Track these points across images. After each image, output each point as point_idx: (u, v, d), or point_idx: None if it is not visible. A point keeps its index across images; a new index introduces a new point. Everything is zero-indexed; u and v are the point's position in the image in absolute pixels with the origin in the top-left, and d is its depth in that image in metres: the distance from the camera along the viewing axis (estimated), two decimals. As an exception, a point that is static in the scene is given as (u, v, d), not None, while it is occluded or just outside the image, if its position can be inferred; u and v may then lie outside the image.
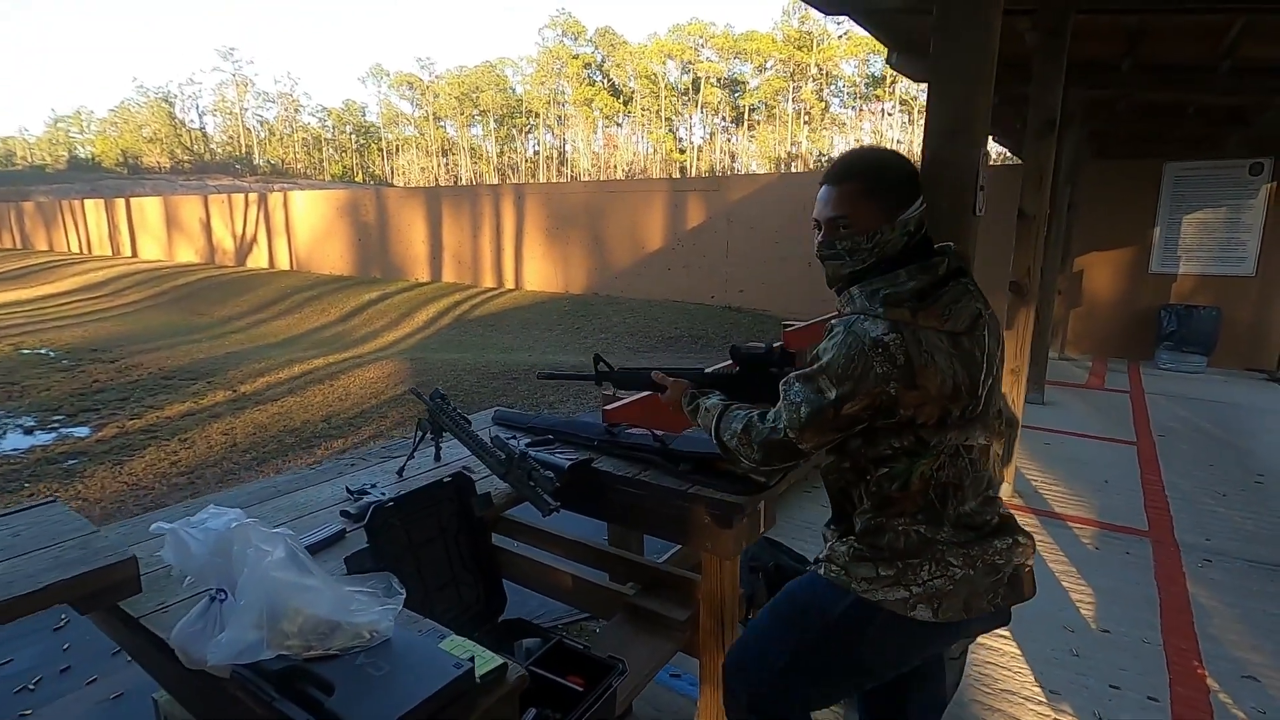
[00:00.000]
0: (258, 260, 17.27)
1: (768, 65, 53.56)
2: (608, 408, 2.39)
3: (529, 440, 2.12)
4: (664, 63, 55.63)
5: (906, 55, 5.61)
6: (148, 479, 4.32)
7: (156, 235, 20.15)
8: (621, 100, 56.78)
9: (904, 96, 49.21)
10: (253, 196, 17.46)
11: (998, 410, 1.24)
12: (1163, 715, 2.04)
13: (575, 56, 57.02)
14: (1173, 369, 6.65)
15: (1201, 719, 2.03)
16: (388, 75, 62.47)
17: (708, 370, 1.67)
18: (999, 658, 2.29)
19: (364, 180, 57.23)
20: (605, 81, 58.01)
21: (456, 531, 1.62)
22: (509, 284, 12.75)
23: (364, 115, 64.89)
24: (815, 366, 1.13)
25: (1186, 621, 2.52)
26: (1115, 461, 4.21)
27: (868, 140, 51.53)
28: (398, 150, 62.34)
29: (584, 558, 2.22)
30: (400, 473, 1.91)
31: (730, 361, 1.64)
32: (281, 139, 61.81)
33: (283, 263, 16.66)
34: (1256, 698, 2.12)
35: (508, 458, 1.77)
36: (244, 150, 58.88)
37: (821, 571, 1.24)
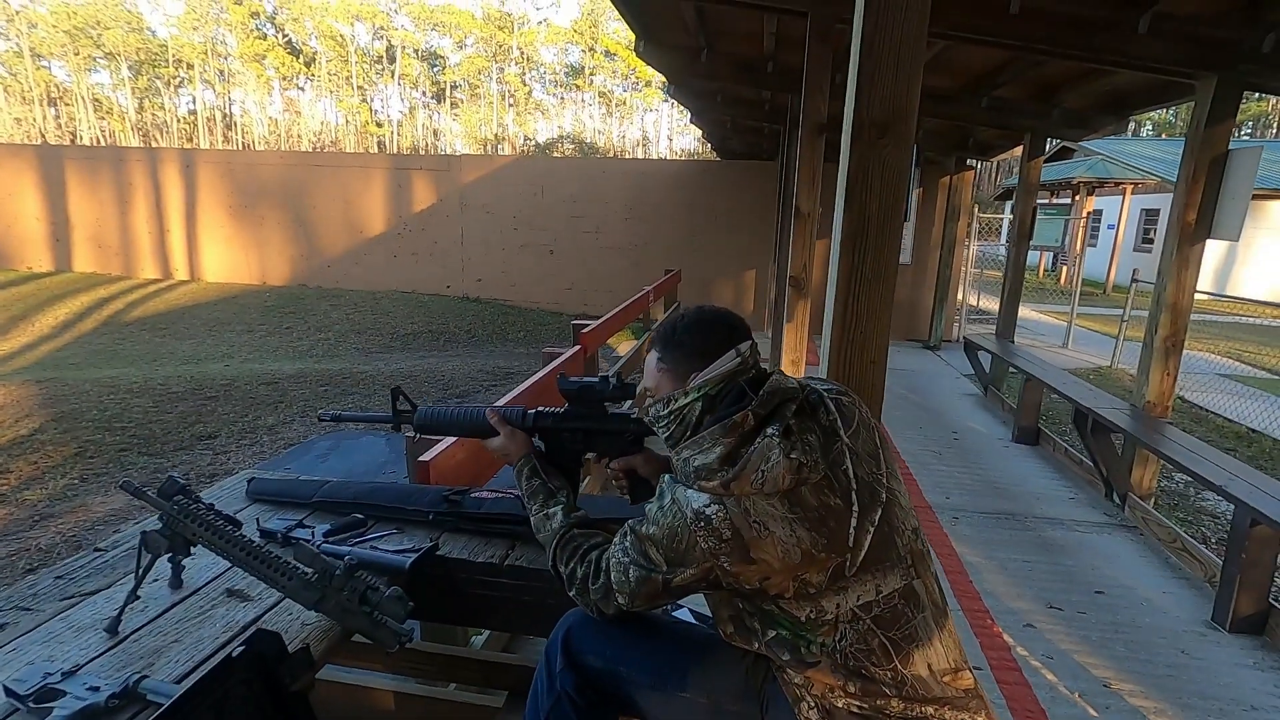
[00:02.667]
0: None
1: (468, 42, 51.92)
2: (425, 458, 1.79)
3: (328, 526, 1.49)
4: (352, 24, 50.36)
5: (654, 46, 5.63)
6: None
7: None
8: (303, 61, 50.03)
9: (601, 89, 51.78)
10: None
11: (914, 529, 1.01)
12: (989, 681, 2.22)
13: (239, 3, 48.48)
14: (861, 343, 7.92)
15: (1017, 679, 2.25)
16: (-53, -12, 45.97)
17: (533, 411, 1.35)
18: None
19: (-84, 129, 41.66)
20: (280, 37, 50.47)
21: (263, 728, 0.97)
22: (181, 274, 10.24)
23: (-94, 39, 46.98)
24: (644, 529, 1.01)
25: (967, 581, 2.84)
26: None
27: (569, 128, 53.27)
28: (-26, 92, 46.54)
29: (396, 663, 1.65)
30: (114, 629, 1.15)
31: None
32: None
33: None
34: (1041, 645, 2.44)
35: (322, 576, 1.17)
36: None
37: (774, 669, 1.02)
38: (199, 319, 8.62)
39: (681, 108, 8.60)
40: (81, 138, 45.47)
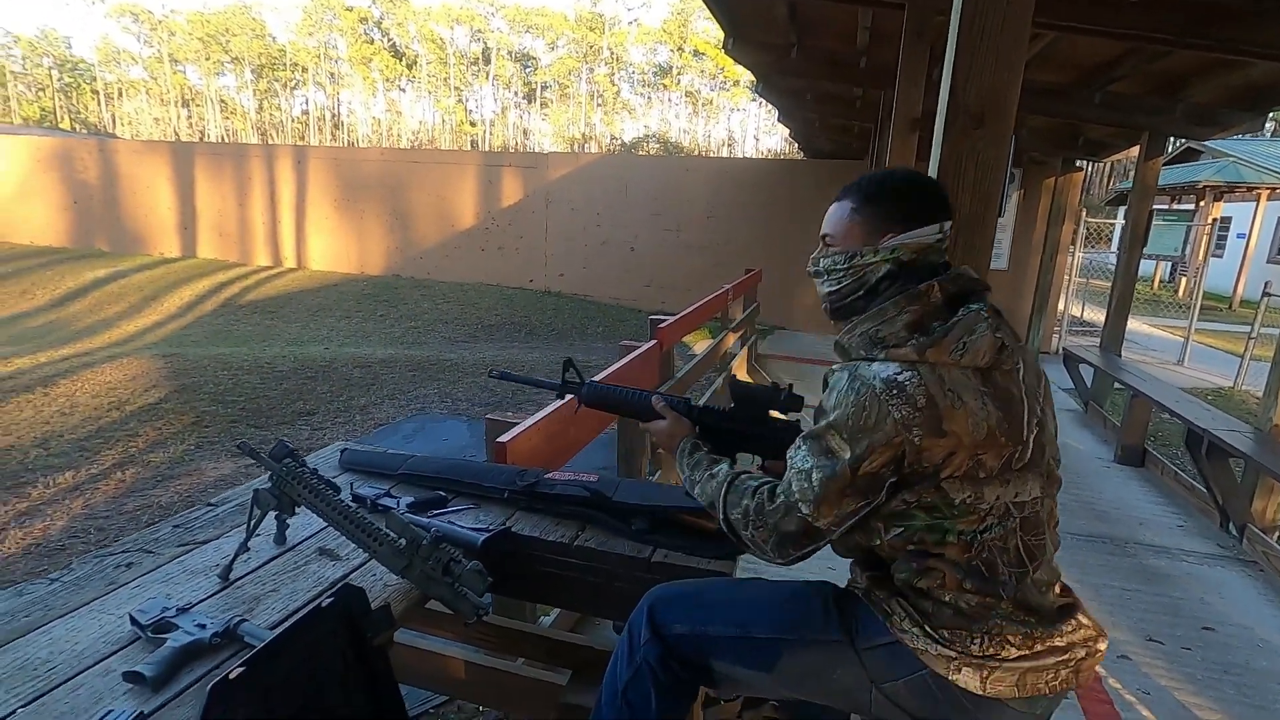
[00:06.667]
0: (-87, 223, 13.03)
1: (559, 43, 53.05)
2: (503, 439, 1.85)
3: (411, 499, 1.57)
4: (451, 27, 52.49)
5: (743, 44, 5.58)
6: None
7: None
8: (405, 63, 52.60)
9: (688, 89, 51.72)
10: (-100, 138, 13.07)
11: (1056, 458, 1.04)
12: (1076, 713, 2.09)
13: (350, 9, 51.47)
14: (949, 351, 7.58)
15: (1108, 712, 2.10)
16: (102, 1, 51.12)
17: (698, 405, 1.35)
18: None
19: (73, 127, 46.47)
20: (386, 41, 53.24)
21: (343, 678, 1.05)
22: (289, 262, 10.99)
23: (69, 48, 52.46)
24: (821, 423, 0.97)
25: (1055, 605, 2.68)
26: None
27: (655, 127, 53.48)
28: (120, 94, 51.53)
29: (466, 634, 1.71)
30: (225, 575, 1.26)
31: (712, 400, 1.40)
32: (-58, 66, 47.78)
33: (-45, 228, 12.77)
34: (1136, 678, 2.27)
35: (410, 545, 1.23)
36: (-120, 76, 44.55)
37: (857, 593, 1.06)
38: (303, 304, 9.23)
39: (769, 107, 8.48)
40: (209, 135, 49.53)
